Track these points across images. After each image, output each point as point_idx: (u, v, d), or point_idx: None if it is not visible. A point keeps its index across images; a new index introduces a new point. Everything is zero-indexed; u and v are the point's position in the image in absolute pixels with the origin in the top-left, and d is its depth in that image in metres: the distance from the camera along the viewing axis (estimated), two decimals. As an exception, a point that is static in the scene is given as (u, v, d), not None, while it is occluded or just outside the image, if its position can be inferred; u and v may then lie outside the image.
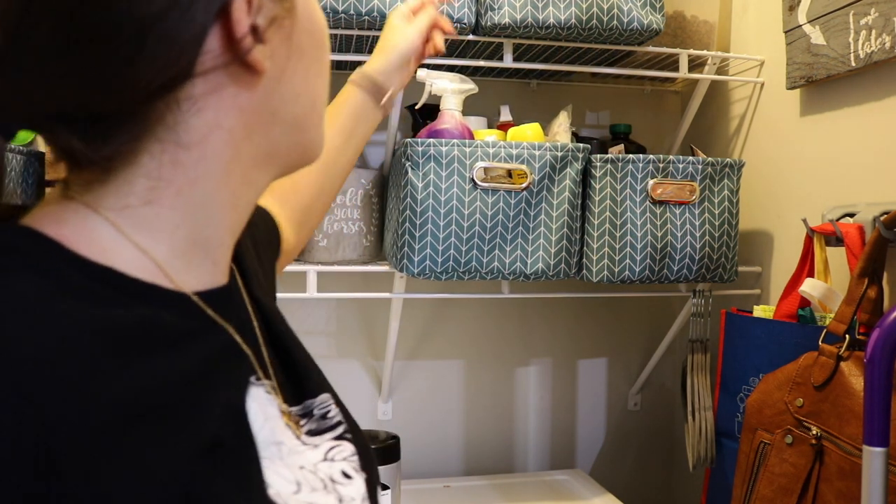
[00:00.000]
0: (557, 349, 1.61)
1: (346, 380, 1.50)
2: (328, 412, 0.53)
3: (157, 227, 0.42)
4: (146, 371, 0.38)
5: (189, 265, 0.44)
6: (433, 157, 1.12)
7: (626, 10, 1.20)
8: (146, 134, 0.41)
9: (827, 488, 0.89)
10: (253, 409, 0.44)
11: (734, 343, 1.19)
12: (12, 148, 1.00)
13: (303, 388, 0.53)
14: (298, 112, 0.47)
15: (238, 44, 0.41)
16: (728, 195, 1.25)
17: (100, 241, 0.41)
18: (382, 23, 1.15)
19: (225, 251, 0.47)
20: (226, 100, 0.43)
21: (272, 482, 0.42)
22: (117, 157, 0.41)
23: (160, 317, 0.40)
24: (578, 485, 1.44)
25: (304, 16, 0.46)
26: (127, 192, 0.41)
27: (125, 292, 0.40)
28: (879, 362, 0.74)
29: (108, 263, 0.40)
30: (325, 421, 0.52)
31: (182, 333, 0.41)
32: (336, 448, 0.50)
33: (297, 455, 0.46)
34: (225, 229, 0.46)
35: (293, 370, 0.53)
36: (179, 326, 0.41)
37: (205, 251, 0.45)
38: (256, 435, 0.43)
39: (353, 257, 1.28)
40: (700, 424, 1.25)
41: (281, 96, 0.46)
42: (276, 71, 0.44)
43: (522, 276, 1.17)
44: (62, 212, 0.41)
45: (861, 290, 0.93)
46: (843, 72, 1.13)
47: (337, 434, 0.51)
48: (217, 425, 0.40)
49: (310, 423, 0.50)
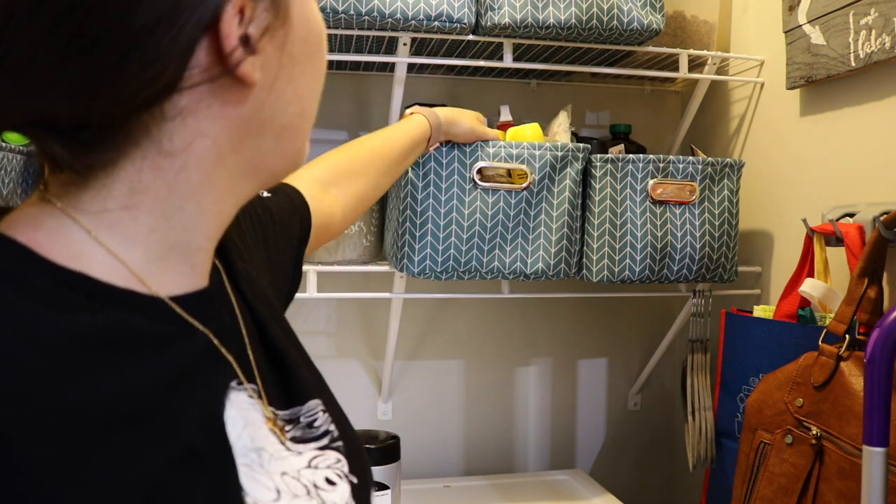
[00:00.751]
0: (557, 349, 1.61)
1: (346, 380, 1.50)
2: (315, 420, 0.52)
3: (133, 232, 0.42)
4: (117, 378, 0.37)
5: (165, 269, 0.43)
6: (433, 157, 1.12)
7: (626, 10, 1.20)
8: (129, 143, 0.40)
9: (827, 488, 0.89)
10: (231, 415, 0.43)
11: (734, 343, 1.19)
12: (12, 148, 1.00)
13: (293, 392, 0.52)
14: (286, 121, 0.46)
15: (227, 58, 0.40)
16: (728, 195, 1.25)
17: (73, 246, 0.40)
18: (382, 23, 1.16)
19: (204, 255, 0.46)
20: (213, 110, 0.42)
21: (250, 489, 0.41)
22: (98, 165, 0.40)
23: (133, 322, 0.40)
24: (578, 485, 1.44)
25: (299, 22, 0.45)
26: (105, 197, 0.41)
27: (97, 298, 0.39)
28: (879, 362, 0.74)
29: (81, 269, 0.40)
30: (310, 430, 0.51)
31: (156, 338, 0.41)
32: (320, 457, 0.49)
33: (280, 461, 0.45)
34: (204, 235, 0.45)
35: (284, 374, 0.52)
36: (154, 331, 0.41)
37: (182, 255, 0.44)
38: (234, 442, 0.42)
39: (353, 257, 1.28)
40: (700, 424, 1.25)
41: (271, 106, 0.45)
42: (267, 81, 0.44)
43: (522, 276, 1.17)
44: (38, 215, 0.41)
45: (861, 290, 0.93)
46: (843, 72, 1.13)
47: (322, 444, 0.51)
48: (191, 433, 0.40)
49: (295, 430, 0.50)
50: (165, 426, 0.38)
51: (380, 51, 1.31)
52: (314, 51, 0.48)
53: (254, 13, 0.41)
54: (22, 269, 0.38)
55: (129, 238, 0.42)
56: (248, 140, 0.45)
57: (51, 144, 0.39)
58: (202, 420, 0.41)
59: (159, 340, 0.41)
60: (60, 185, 0.41)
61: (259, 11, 0.41)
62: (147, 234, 0.42)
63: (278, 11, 0.43)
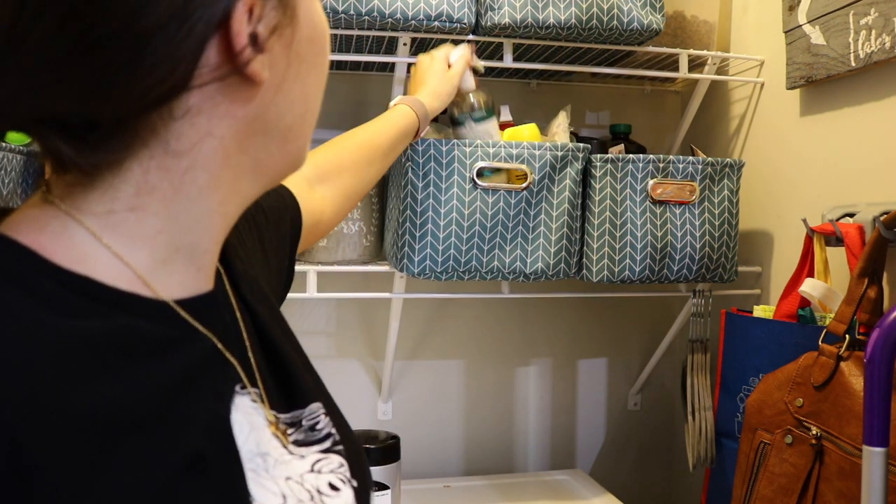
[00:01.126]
0: (557, 349, 1.61)
1: (346, 380, 1.50)
2: (317, 423, 0.51)
3: (138, 234, 0.41)
4: (123, 382, 0.37)
5: (171, 272, 0.43)
6: (433, 157, 1.12)
7: (626, 10, 1.20)
8: (137, 142, 0.40)
9: (827, 488, 0.89)
10: (237, 419, 0.43)
11: (734, 343, 1.19)
12: (12, 148, 1.00)
13: (294, 395, 0.51)
14: (292, 121, 0.46)
15: (237, 56, 0.40)
16: (728, 195, 1.25)
17: (78, 248, 0.40)
18: (382, 23, 1.16)
19: (210, 258, 0.46)
20: (221, 109, 0.42)
21: (257, 495, 0.41)
22: (105, 164, 0.40)
23: (139, 326, 0.40)
24: (578, 485, 1.44)
25: (306, 21, 0.45)
26: (111, 198, 0.40)
27: (102, 301, 0.39)
28: (879, 362, 0.74)
29: (86, 272, 0.39)
30: (313, 433, 0.51)
31: (162, 342, 0.40)
32: (323, 461, 0.49)
33: (284, 465, 0.45)
34: (210, 236, 0.45)
35: (284, 377, 0.52)
36: (159, 335, 0.40)
37: (188, 258, 0.44)
38: (241, 447, 0.42)
39: (353, 257, 1.28)
40: (700, 424, 1.25)
41: (278, 105, 0.45)
42: (275, 80, 0.44)
43: (522, 276, 1.17)
44: (41, 217, 0.40)
45: (861, 290, 0.93)
46: (843, 72, 1.13)
47: (324, 447, 0.50)
48: (199, 438, 0.39)
49: (297, 433, 0.49)
50: (173, 431, 0.38)
51: (380, 51, 1.31)
52: (319, 51, 0.48)
53: (262, 12, 0.41)
54: (26, 272, 0.38)
55: (135, 240, 0.41)
56: (254, 140, 0.45)
57: (56, 143, 0.39)
58: (209, 425, 0.41)
59: (165, 345, 0.41)
60: (64, 186, 0.41)
61: (267, 10, 0.41)
62: (153, 236, 0.42)
63: (286, 10, 0.43)
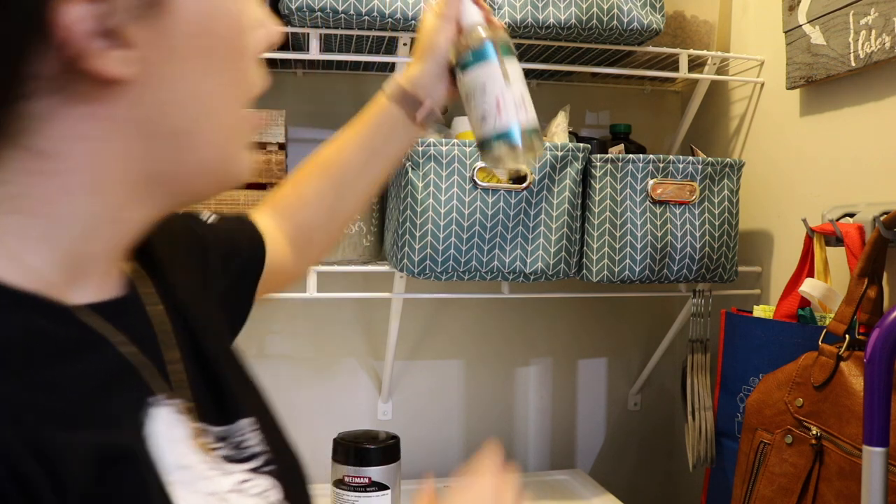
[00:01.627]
0: (557, 349, 1.61)
1: (347, 380, 1.50)
2: (244, 441, 0.49)
3: (29, 237, 0.40)
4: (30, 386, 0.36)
5: (71, 277, 0.41)
6: (433, 157, 1.12)
7: (626, 10, 1.20)
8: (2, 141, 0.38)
9: (827, 488, 0.89)
10: (157, 430, 0.42)
11: (734, 343, 1.19)
12: None
13: (225, 409, 0.49)
14: (184, 124, 0.42)
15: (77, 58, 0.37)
16: (728, 195, 1.25)
17: None
18: (382, 23, 1.16)
19: (109, 263, 0.44)
20: (79, 109, 0.39)
21: None
22: None
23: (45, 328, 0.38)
24: (578, 485, 1.44)
25: (192, 15, 0.41)
26: None
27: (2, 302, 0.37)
28: (879, 362, 0.74)
29: None
30: (240, 451, 0.48)
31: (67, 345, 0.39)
32: (249, 482, 0.47)
33: (206, 481, 0.43)
34: (105, 242, 0.43)
35: (217, 390, 0.50)
36: (62, 336, 0.39)
37: (87, 264, 0.42)
38: (163, 458, 0.41)
39: (353, 257, 1.28)
40: (700, 424, 1.25)
41: (155, 106, 0.41)
42: (144, 76, 0.40)
43: (522, 276, 1.17)
44: None
45: (861, 290, 0.93)
46: (843, 72, 1.13)
47: (253, 466, 0.48)
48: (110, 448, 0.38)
49: (226, 449, 0.47)
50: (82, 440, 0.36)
51: (380, 51, 1.31)
52: (218, 49, 0.43)
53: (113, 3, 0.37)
54: None
55: (28, 242, 0.40)
56: (138, 143, 0.41)
57: None
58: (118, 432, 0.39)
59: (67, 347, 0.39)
60: None
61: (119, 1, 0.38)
62: (44, 239, 0.40)
63: None
